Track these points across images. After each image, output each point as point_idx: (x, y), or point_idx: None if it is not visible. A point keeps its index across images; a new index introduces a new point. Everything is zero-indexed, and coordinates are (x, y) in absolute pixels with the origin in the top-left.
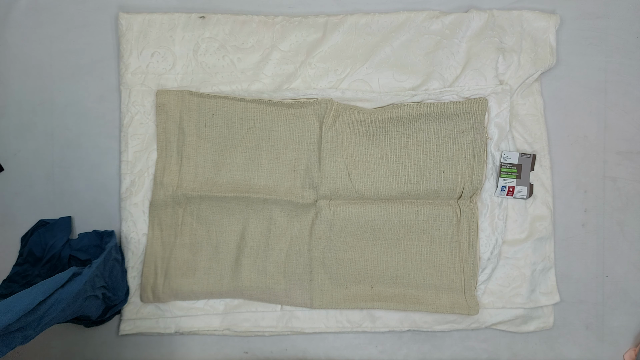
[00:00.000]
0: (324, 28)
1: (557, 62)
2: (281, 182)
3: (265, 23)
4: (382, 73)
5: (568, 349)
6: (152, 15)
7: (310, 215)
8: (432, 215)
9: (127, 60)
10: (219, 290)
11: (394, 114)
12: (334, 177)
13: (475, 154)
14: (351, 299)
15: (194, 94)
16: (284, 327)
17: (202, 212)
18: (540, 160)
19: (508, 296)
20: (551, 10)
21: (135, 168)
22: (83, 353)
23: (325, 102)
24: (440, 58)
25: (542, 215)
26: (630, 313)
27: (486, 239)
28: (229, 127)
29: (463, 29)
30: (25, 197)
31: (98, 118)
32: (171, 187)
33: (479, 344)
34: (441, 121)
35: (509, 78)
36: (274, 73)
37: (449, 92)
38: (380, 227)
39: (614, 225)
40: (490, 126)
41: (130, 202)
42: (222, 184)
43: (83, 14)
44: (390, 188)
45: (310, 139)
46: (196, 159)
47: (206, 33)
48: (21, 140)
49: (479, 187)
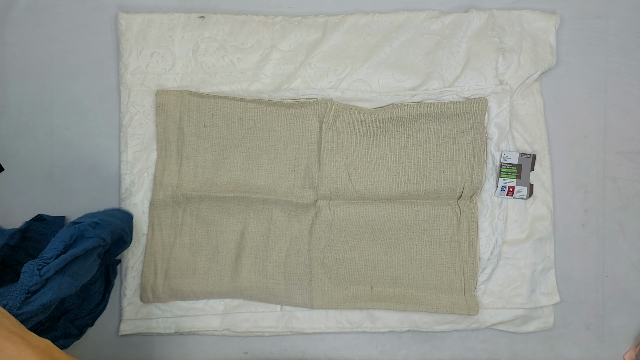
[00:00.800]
0: (323, 28)
1: (557, 62)
2: (281, 182)
3: (265, 23)
4: (382, 73)
5: (568, 349)
6: (152, 15)
7: (310, 215)
8: (432, 215)
9: (126, 60)
10: (219, 291)
11: (394, 114)
12: (334, 177)
13: (475, 154)
14: (351, 299)
15: (193, 94)
16: (284, 328)
17: (201, 212)
18: (540, 160)
19: (508, 296)
20: (551, 10)
21: (135, 168)
22: (83, 353)
23: (325, 102)
24: (440, 58)
25: (542, 215)
26: (631, 313)
27: (486, 239)
28: (228, 127)
29: (463, 29)
30: (25, 197)
31: (98, 118)
32: (171, 187)
33: (479, 344)
34: (441, 121)
35: (509, 78)
36: (273, 73)
37: (449, 92)
38: (380, 227)
39: (614, 225)
40: (490, 126)
41: (130, 202)
42: (222, 184)
43: (83, 14)
44: (390, 188)
45: (310, 139)
46: (196, 159)
47: (206, 33)
48: (21, 140)
49: (479, 187)
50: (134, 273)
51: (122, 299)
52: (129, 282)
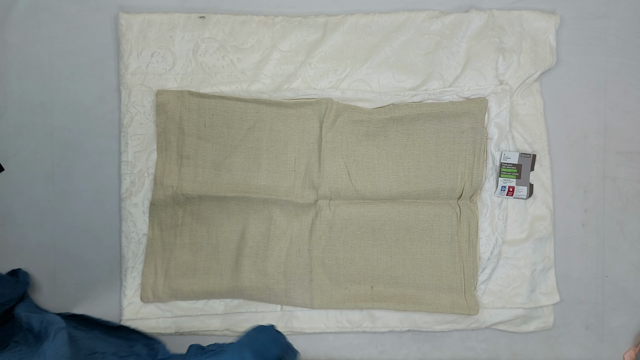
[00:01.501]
0: (324, 28)
1: (557, 62)
2: (281, 182)
3: (265, 23)
4: (382, 73)
5: (568, 349)
6: (152, 15)
7: (310, 215)
8: (432, 215)
9: (127, 61)
10: (219, 290)
11: (394, 114)
12: (334, 177)
13: (475, 154)
14: (351, 299)
15: (193, 94)
16: (284, 328)
17: (202, 212)
18: (540, 160)
19: (508, 296)
20: (551, 10)
21: (135, 168)
22: None
23: (325, 102)
24: (440, 58)
25: (542, 215)
26: (630, 313)
27: (486, 239)
28: (228, 127)
29: (463, 29)
30: (25, 197)
31: (98, 118)
32: (171, 187)
33: (479, 344)
34: (441, 121)
35: (509, 78)
36: (273, 73)
37: (449, 92)
38: (380, 227)
39: (614, 225)
40: (490, 126)
41: (130, 202)
42: (222, 184)
43: (83, 14)
44: (390, 188)
45: (310, 139)
46: (196, 159)
47: (206, 33)
48: (21, 140)
49: (479, 187)
50: (135, 273)
51: (122, 299)
52: (129, 282)
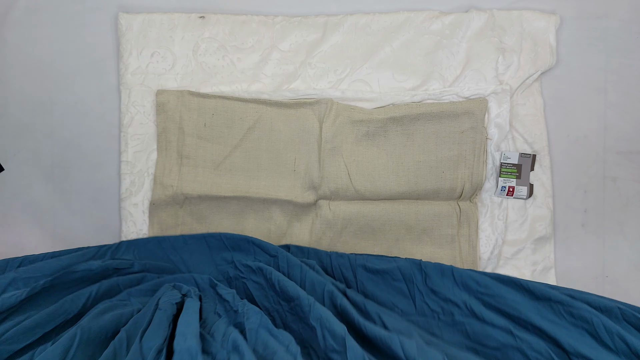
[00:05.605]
0: (323, 28)
1: (557, 62)
2: (281, 182)
3: (265, 23)
4: (382, 73)
5: None
6: (152, 15)
7: (310, 215)
8: (432, 215)
9: (127, 60)
10: None
11: (394, 114)
12: (334, 177)
13: (475, 154)
14: None
15: (193, 94)
16: None
17: (202, 212)
18: (540, 160)
19: None
20: (551, 10)
21: (135, 168)
22: None
23: (325, 102)
24: (440, 58)
25: (542, 215)
26: None
27: (486, 239)
28: (228, 127)
29: (463, 29)
30: (25, 197)
31: (98, 118)
32: (171, 187)
33: None
34: (441, 121)
35: (509, 78)
36: (273, 73)
37: (449, 92)
38: (380, 227)
39: (614, 225)
40: (490, 126)
41: (130, 202)
42: (222, 184)
43: (83, 14)
44: (390, 188)
45: (310, 139)
46: (196, 158)
47: (206, 33)
48: (21, 140)
49: (479, 187)
50: None
51: None
52: None
